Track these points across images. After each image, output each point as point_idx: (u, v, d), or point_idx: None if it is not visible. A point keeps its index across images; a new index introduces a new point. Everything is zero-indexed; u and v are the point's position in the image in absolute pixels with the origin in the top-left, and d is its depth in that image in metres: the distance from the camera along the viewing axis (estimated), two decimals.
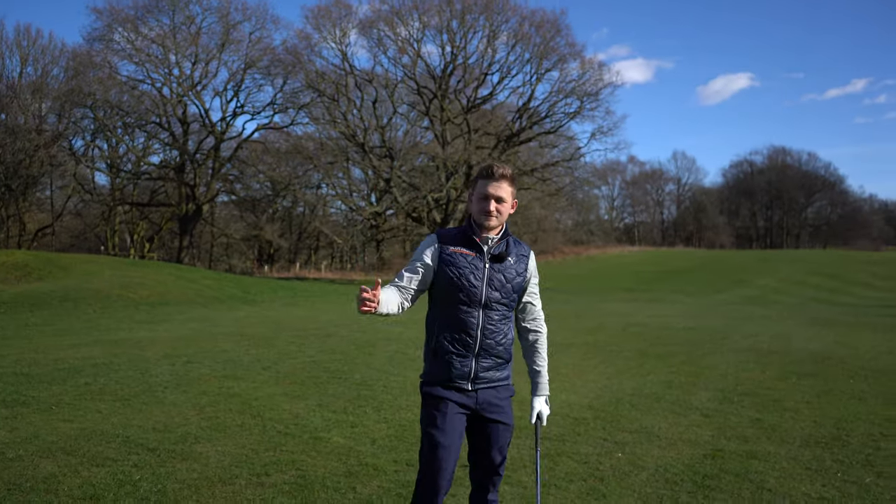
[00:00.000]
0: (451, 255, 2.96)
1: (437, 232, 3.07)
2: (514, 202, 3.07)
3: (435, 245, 3.00)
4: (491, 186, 2.97)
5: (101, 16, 41.50)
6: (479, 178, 3.02)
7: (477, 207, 3.01)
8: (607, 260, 58.01)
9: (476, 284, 2.94)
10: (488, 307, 2.96)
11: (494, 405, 3.00)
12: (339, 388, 7.58)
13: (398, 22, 39.72)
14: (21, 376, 7.98)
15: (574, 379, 8.42)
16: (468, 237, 3.02)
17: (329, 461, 4.98)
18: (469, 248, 2.98)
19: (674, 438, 5.70)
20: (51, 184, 48.13)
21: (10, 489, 4.31)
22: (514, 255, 3.04)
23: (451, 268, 2.94)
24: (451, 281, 2.93)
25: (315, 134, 44.69)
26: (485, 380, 2.98)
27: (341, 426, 5.98)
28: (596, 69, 40.22)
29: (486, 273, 2.97)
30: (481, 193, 2.99)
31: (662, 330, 13.97)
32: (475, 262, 2.97)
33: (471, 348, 2.95)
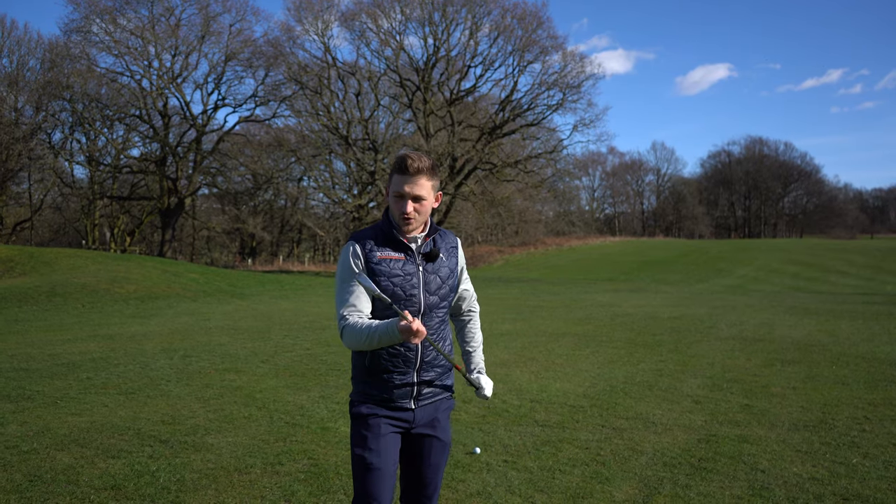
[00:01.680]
0: (380, 263, 2.57)
1: (355, 236, 2.64)
2: (438, 195, 2.69)
3: (359, 253, 2.59)
4: (406, 184, 2.56)
5: (78, 7, 40.93)
6: (395, 173, 2.61)
7: (394, 207, 2.61)
8: (589, 250, 58.49)
9: (413, 293, 2.58)
10: (426, 314, 2.62)
11: (431, 420, 2.69)
12: (340, 379, 7.72)
13: (380, 14, 39.64)
14: (21, 371, 8.03)
15: (567, 368, 8.63)
16: (393, 238, 2.62)
17: (339, 450, 5.14)
18: (396, 251, 2.61)
19: (669, 424, 5.92)
20: (29, 177, 47.53)
21: (32, 480, 4.42)
22: (444, 250, 2.70)
23: (383, 278, 2.56)
24: (385, 293, 2.55)
25: (297, 127, 44.57)
26: (429, 395, 2.67)
27: (346, 417, 6.12)
28: (577, 61, 40.48)
29: (422, 277, 2.62)
30: (396, 192, 2.59)
31: (649, 319, 14.25)
32: (407, 266, 2.60)
33: (412, 363, 2.60)
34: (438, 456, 2.72)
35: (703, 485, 4.44)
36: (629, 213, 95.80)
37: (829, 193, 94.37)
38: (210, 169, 48.37)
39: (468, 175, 40.88)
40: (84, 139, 46.47)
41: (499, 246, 59.83)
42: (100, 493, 4.24)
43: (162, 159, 45.19)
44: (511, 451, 5.16)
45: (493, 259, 52.92)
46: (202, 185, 49.56)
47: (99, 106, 43.07)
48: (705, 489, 4.37)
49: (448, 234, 2.79)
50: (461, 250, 2.83)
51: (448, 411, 2.77)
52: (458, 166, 40.62)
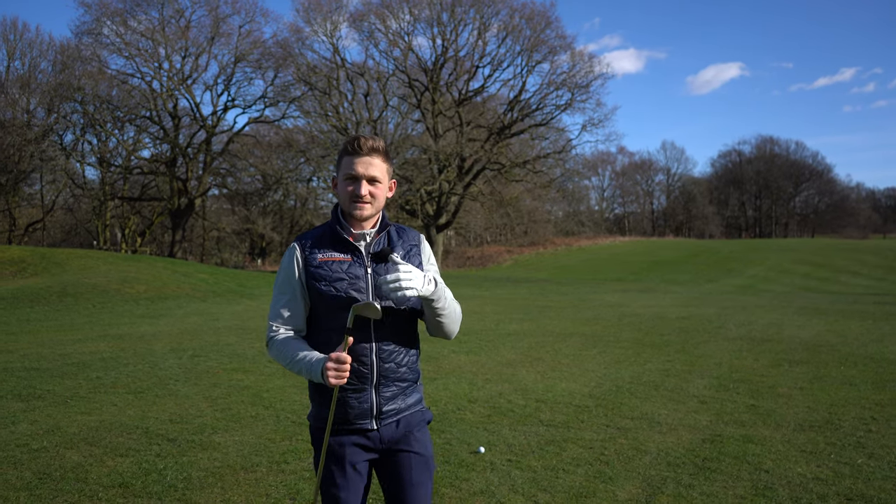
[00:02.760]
0: (321, 267, 2.32)
1: (298, 238, 2.41)
2: (393, 183, 2.45)
3: (297, 257, 2.35)
4: (359, 163, 2.32)
5: (89, 9, 41.23)
6: (344, 155, 2.36)
7: (344, 192, 2.36)
8: (598, 250, 58.34)
9: (360, 298, 2.30)
10: (380, 323, 2.32)
11: (404, 436, 2.39)
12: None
13: (388, 15, 39.72)
14: (32, 371, 8.12)
15: (574, 368, 8.64)
16: (338, 237, 2.37)
17: None
18: (342, 252, 2.35)
19: (674, 424, 5.92)
20: (41, 178, 47.92)
21: (41, 478, 4.48)
22: (400, 248, 2.41)
23: (324, 283, 2.30)
24: (326, 300, 2.30)
25: (306, 127, 44.70)
26: (391, 412, 2.36)
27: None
28: (586, 61, 40.42)
29: (371, 280, 2.33)
30: (348, 173, 2.34)
31: (657, 319, 14.22)
32: (353, 268, 2.33)
33: (367, 379, 2.31)
34: (420, 473, 2.39)
35: (707, 484, 4.45)
36: (639, 212, 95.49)
37: (841, 193, 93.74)
38: (220, 170, 48.60)
39: (477, 175, 40.90)
40: (95, 140, 46.79)
41: (508, 246, 59.78)
42: (108, 490, 4.30)
43: (172, 160, 45.43)
44: (515, 450, 5.18)
45: (501, 259, 52.88)
46: (212, 186, 49.79)
47: (110, 107, 43.35)
48: (708, 489, 4.37)
49: (408, 230, 2.51)
50: (426, 247, 2.50)
51: (424, 424, 2.46)
52: (466, 166, 40.65)
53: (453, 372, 8.35)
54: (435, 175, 40.52)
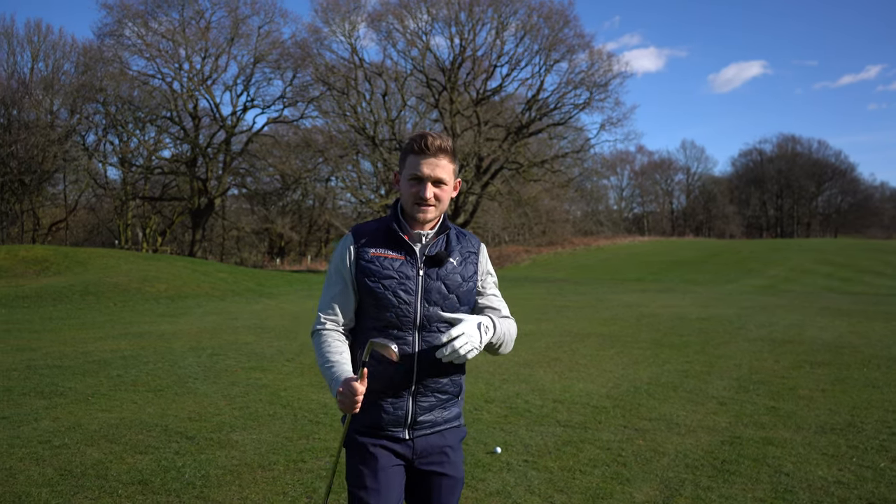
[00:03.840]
0: (372, 261, 2.24)
1: (354, 229, 2.34)
2: (458, 182, 2.36)
3: (350, 248, 2.28)
4: (426, 164, 2.23)
5: (111, 11, 41.77)
6: (409, 154, 2.26)
7: (408, 193, 2.27)
8: (617, 250, 57.98)
9: (408, 300, 2.22)
10: (426, 329, 2.23)
11: (438, 454, 2.31)
12: None
13: (406, 15, 39.77)
14: (55, 368, 8.23)
15: (592, 369, 8.59)
16: (394, 234, 2.28)
17: None
18: (396, 250, 2.26)
19: (692, 426, 5.87)
20: (64, 178, 48.59)
21: (63, 475, 4.54)
22: (457, 254, 2.32)
23: (372, 279, 2.23)
24: (373, 297, 2.23)
25: (325, 127, 44.90)
26: (426, 424, 2.28)
27: None
28: (605, 60, 40.19)
29: (421, 283, 2.24)
30: (413, 174, 2.25)
31: (676, 320, 14.11)
32: (405, 268, 2.25)
33: (406, 386, 2.24)
34: (449, 496, 2.32)
35: (726, 487, 4.40)
36: (658, 212, 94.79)
37: (865, 192, 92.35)
38: (239, 169, 48.98)
39: (494, 175, 40.82)
40: (117, 141, 47.37)
41: (526, 246, 59.58)
42: (127, 487, 4.34)
43: (192, 160, 45.87)
44: (532, 450, 5.16)
45: (520, 259, 52.73)
46: (231, 186, 50.22)
47: (131, 108, 43.87)
48: (727, 491, 4.33)
49: (469, 236, 2.40)
50: (485, 257, 2.42)
51: (459, 441, 2.38)
52: (484, 166, 40.59)
53: (470, 372, 8.34)
54: None
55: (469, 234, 2.42)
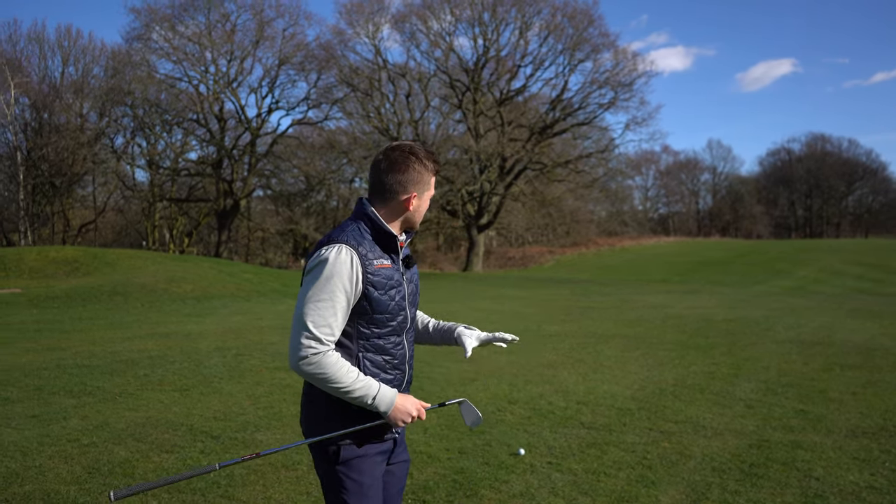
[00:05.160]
0: (377, 273, 2.22)
1: (346, 239, 2.20)
2: None
3: (356, 262, 2.18)
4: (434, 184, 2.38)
5: (139, 15, 42.39)
6: (428, 173, 2.34)
7: (423, 210, 2.35)
8: (642, 251, 57.50)
9: (404, 306, 2.30)
10: (409, 330, 2.37)
11: (401, 444, 2.44)
12: None
13: (430, 16, 39.86)
14: (83, 368, 8.36)
15: (616, 370, 8.52)
16: (389, 242, 2.28)
17: None
18: (385, 257, 2.26)
19: (719, 429, 5.78)
20: (93, 181, 49.38)
21: (91, 472, 4.60)
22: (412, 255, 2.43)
23: (381, 290, 2.22)
24: (381, 308, 2.22)
25: (349, 128, 45.13)
26: None
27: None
28: (630, 59, 39.91)
29: (406, 287, 2.33)
30: (432, 195, 2.38)
31: (702, 321, 13.94)
32: (396, 275, 2.29)
33: (401, 386, 2.34)
34: (404, 478, 2.48)
35: (754, 491, 4.33)
36: (684, 212, 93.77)
37: None
38: (264, 171, 49.41)
39: (518, 175, 40.72)
40: (145, 143, 48.03)
41: (549, 246, 59.32)
42: None
43: (218, 162, 46.36)
44: (556, 452, 5.12)
45: (543, 260, 52.52)
46: (257, 187, 50.68)
47: (158, 111, 44.46)
48: (755, 496, 4.26)
49: None
50: None
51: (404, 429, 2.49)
52: (507, 166, 40.50)
53: (493, 373, 8.31)
54: (476, 175, 40.50)
55: None
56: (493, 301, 19.48)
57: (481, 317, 14.84)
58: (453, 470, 4.72)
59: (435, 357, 9.37)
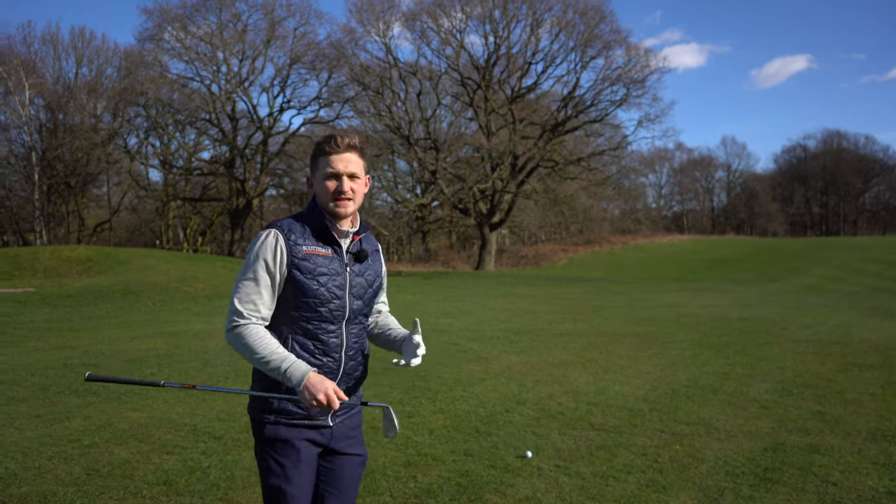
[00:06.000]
0: (306, 259, 2.28)
1: (279, 224, 2.33)
2: (368, 179, 2.43)
3: (281, 245, 2.27)
4: (339, 161, 2.32)
5: (151, 16, 42.58)
6: (320, 155, 2.34)
7: (325, 190, 2.33)
8: (656, 249, 57.15)
9: (340, 295, 2.32)
10: (350, 321, 2.38)
11: (349, 436, 2.45)
12: (394, 379, 7.69)
13: (441, 13, 39.75)
14: (90, 366, 8.32)
15: (628, 370, 8.37)
16: (325, 231, 2.34)
17: (388, 451, 5.08)
18: (324, 247, 2.33)
19: (733, 431, 5.63)
20: (107, 180, 49.75)
21: (90, 474, 4.53)
22: (371, 250, 2.47)
23: (307, 275, 2.27)
24: (307, 293, 2.27)
25: (360, 127, 45.09)
26: (345, 408, 2.41)
27: (398, 417, 6.07)
28: (642, 55, 39.59)
29: (349, 279, 2.36)
30: (328, 172, 2.32)
31: (716, 320, 13.74)
32: (335, 264, 2.33)
33: (334, 376, 2.34)
34: (358, 474, 2.49)
35: (769, 497, 4.18)
36: (698, 210, 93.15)
37: None
38: (276, 170, 49.52)
39: (530, 173, 40.52)
40: (158, 143, 48.31)
41: (563, 244, 59.10)
42: (152, 487, 4.31)
43: (231, 161, 46.52)
44: (564, 455, 5.00)
45: (556, 258, 52.31)
46: (269, 186, 50.80)
47: (171, 111, 44.66)
48: (770, 501, 4.11)
49: (370, 236, 2.55)
50: (382, 256, 2.60)
51: (361, 424, 2.54)
52: (519, 164, 40.31)
53: (503, 373, 8.20)
54: (488, 173, 40.34)
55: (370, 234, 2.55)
56: (504, 299, 19.35)
57: (492, 316, 14.72)
58: (458, 473, 4.61)
59: (446, 357, 9.27)
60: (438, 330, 12.14)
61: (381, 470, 4.65)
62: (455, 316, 14.70)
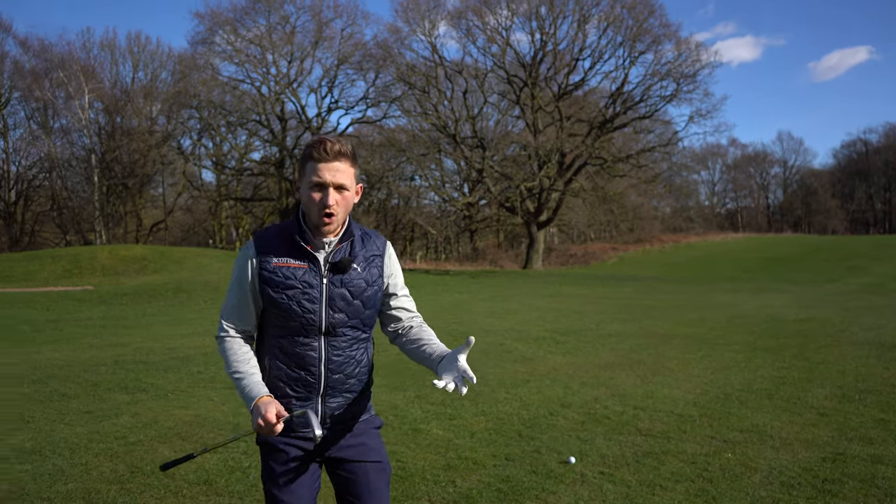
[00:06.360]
0: (275, 272, 2.23)
1: (257, 236, 2.30)
2: (360, 187, 2.33)
3: (252, 259, 2.25)
4: (326, 170, 2.18)
5: (202, 20, 43.58)
6: (308, 160, 2.21)
7: (310, 201, 2.22)
8: (708, 247, 55.79)
9: (312, 308, 2.24)
10: (332, 334, 2.28)
11: (355, 445, 2.36)
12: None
13: (486, 11, 39.52)
14: (140, 364, 8.49)
15: (678, 373, 8.12)
16: (295, 243, 2.26)
17: (428, 454, 5.01)
18: (298, 259, 2.25)
19: (788, 439, 5.38)
20: (163, 181, 51.13)
21: (133, 472, 4.58)
22: (361, 259, 2.31)
23: (275, 289, 2.22)
24: (277, 307, 2.23)
25: (407, 126, 45.26)
26: (337, 421, 2.35)
27: (440, 418, 6.00)
28: (693, 49, 38.61)
29: (325, 290, 2.25)
30: (313, 181, 2.19)
31: (771, 321, 13.27)
32: (308, 276, 2.24)
33: (314, 388, 2.28)
34: (378, 480, 2.37)
35: None
36: (753, 207, 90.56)
37: None
38: None
39: (578, 171, 40.02)
40: (210, 144, 49.40)
41: (612, 243, 58.23)
42: (192, 487, 4.33)
43: (280, 161, 47.25)
44: (609, 461, 4.84)
45: (606, 257, 51.56)
46: None
47: (223, 112, 45.59)
48: None
49: (374, 236, 2.39)
50: (391, 258, 2.41)
51: (376, 431, 2.45)
52: (567, 162, 39.85)
53: (548, 374, 8.05)
54: (535, 171, 39.99)
55: (375, 234, 2.42)
56: (551, 299, 19.12)
57: (538, 315, 14.54)
58: (498, 478, 4.51)
59: (490, 358, 9.16)
60: (483, 329, 12.03)
61: (420, 474, 4.58)
62: (501, 315, 14.57)
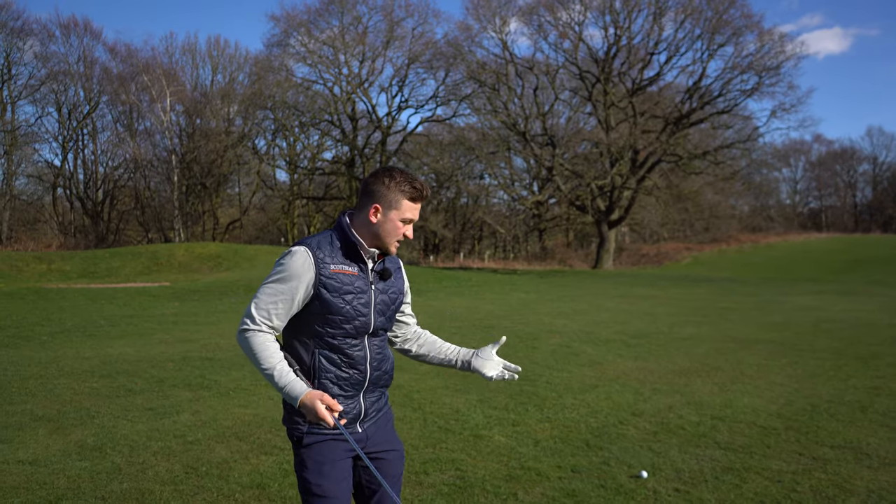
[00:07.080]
0: (333, 278, 2.36)
1: (308, 242, 2.40)
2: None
3: (311, 261, 2.35)
4: (416, 210, 2.43)
5: (278, 22, 44.54)
6: (403, 196, 2.40)
7: (393, 228, 2.41)
8: (789, 248, 53.34)
9: (365, 312, 2.41)
10: (374, 335, 2.48)
11: (382, 437, 2.54)
12: (501, 382, 7.35)
13: (559, 6, 38.87)
14: (206, 360, 8.56)
15: (759, 381, 7.59)
16: (352, 250, 2.41)
17: (489, 462, 4.76)
18: (351, 266, 2.41)
19: (888, 458, 4.87)
20: (238, 181, 52.58)
21: (188, 472, 4.52)
22: (394, 268, 2.54)
23: (335, 295, 2.35)
24: (334, 310, 2.35)
25: (477, 124, 45.02)
26: (372, 414, 2.52)
27: (503, 424, 5.74)
28: (776, 41, 36.90)
29: (373, 296, 2.44)
30: (406, 217, 2.41)
31: (862, 327, 12.40)
32: (359, 283, 2.41)
33: (360, 386, 2.46)
34: (399, 467, 2.60)
35: None
36: (838, 206, 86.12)
37: None
38: None
39: (651, 168, 38.91)
40: (284, 144, 50.50)
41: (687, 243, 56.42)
42: (245, 490, 4.22)
43: (351, 161, 47.83)
44: (684, 477, 4.48)
45: (680, 257, 50.01)
46: None
47: (296, 113, 46.51)
48: None
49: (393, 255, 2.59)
50: (404, 271, 2.68)
51: (392, 421, 2.65)
52: (640, 159, 38.79)
53: (617, 379, 7.66)
54: (607, 169, 39.09)
55: None
56: (622, 300, 18.53)
57: (608, 317, 14.06)
58: (563, 492, 4.22)
59: (557, 361, 8.84)
60: (551, 331, 11.68)
61: (480, 484, 4.34)
62: (569, 316, 14.16)
